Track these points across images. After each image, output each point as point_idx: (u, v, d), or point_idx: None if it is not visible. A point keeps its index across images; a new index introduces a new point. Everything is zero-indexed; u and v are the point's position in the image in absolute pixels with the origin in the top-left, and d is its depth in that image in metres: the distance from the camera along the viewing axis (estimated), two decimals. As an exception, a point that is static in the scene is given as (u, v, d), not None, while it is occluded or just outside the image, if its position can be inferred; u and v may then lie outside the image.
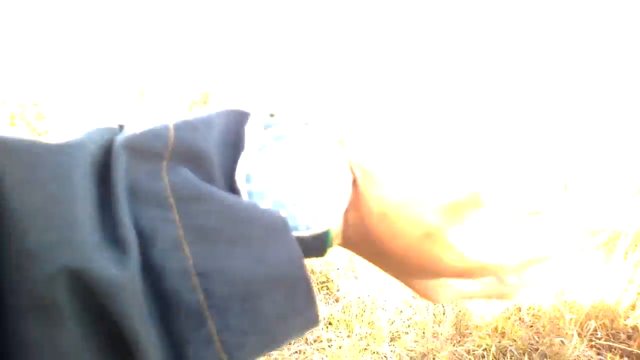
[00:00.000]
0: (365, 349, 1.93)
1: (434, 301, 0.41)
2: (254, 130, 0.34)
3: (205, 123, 0.33)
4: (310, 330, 0.41)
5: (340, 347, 1.91)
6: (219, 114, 0.35)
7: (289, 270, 0.29)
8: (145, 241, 0.28)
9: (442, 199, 0.32)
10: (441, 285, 0.40)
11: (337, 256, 2.40)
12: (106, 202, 0.28)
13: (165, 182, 0.29)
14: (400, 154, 0.34)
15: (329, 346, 1.92)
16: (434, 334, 2.07)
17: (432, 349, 1.95)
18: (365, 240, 0.36)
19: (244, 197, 0.32)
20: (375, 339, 1.97)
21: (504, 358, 1.99)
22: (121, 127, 0.33)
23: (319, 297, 2.19)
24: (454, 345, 2.01)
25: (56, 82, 4.53)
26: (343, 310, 2.10)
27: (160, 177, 0.29)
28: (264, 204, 0.33)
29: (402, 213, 0.33)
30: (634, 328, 2.11)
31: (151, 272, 0.28)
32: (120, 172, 0.28)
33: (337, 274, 2.36)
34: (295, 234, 0.32)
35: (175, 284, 0.28)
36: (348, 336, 1.96)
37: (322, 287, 2.28)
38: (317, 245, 0.34)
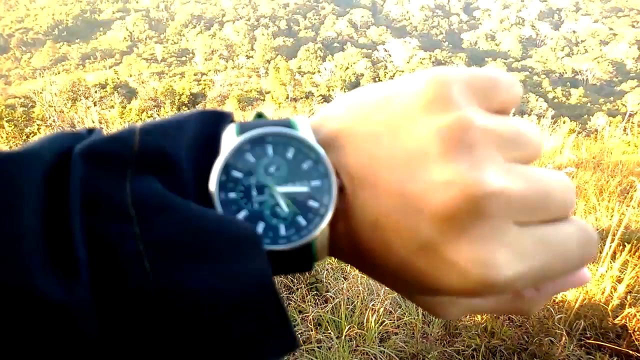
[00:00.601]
0: (355, 349, 1.94)
1: (441, 317, 0.37)
2: (230, 133, 0.32)
3: (176, 126, 0.31)
4: (289, 354, 0.32)
5: (329, 348, 1.92)
6: (192, 116, 0.33)
7: (258, 289, 0.28)
8: (103, 258, 0.26)
9: (440, 207, 0.28)
10: (448, 301, 0.36)
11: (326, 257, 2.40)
12: (58, 217, 0.26)
13: (127, 192, 0.27)
14: (392, 156, 0.30)
15: (318, 347, 1.93)
16: (423, 334, 2.08)
17: (422, 349, 1.96)
18: (357, 253, 0.33)
19: (217, 207, 0.30)
20: (365, 339, 1.98)
21: (493, 358, 2.01)
22: (90, 133, 0.31)
23: (308, 298, 2.20)
24: (443, 346, 2.02)
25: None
26: (332, 311, 2.11)
27: (122, 186, 0.27)
28: (239, 214, 0.31)
29: (394, 223, 0.30)
30: (623, 327, 2.14)
31: (111, 292, 0.26)
32: (75, 182, 0.27)
33: (326, 274, 2.37)
34: (273, 247, 0.30)
35: (135, 304, 0.26)
36: (337, 337, 1.97)
37: (311, 288, 2.29)
38: (301, 259, 0.32)
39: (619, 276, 2.33)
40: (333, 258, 0.33)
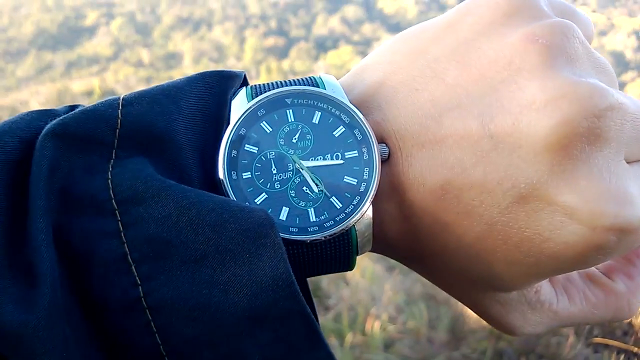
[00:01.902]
0: (359, 358, 1.94)
1: (518, 330, 0.29)
2: (241, 98, 0.26)
3: (170, 94, 0.25)
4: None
5: (332, 357, 1.93)
6: (192, 79, 0.26)
7: (274, 299, 0.21)
8: (79, 264, 0.21)
9: (547, 134, 0.22)
10: (529, 305, 0.28)
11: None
12: (20, 215, 0.22)
13: (108, 179, 0.22)
14: (464, 89, 0.24)
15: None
16: (429, 339, 2.09)
17: (428, 354, 1.97)
18: (415, 239, 0.26)
19: (227, 191, 0.24)
20: (368, 347, 1.98)
21: (500, 359, 2.02)
22: (71, 109, 0.25)
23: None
24: (450, 350, 2.03)
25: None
26: (334, 319, 2.12)
27: (101, 172, 0.22)
28: (257, 198, 0.25)
29: (477, 176, 0.23)
30: (630, 324, 2.15)
31: (90, 305, 0.21)
32: (42, 170, 0.22)
33: (327, 281, 2.37)
34: (300, 238, 0.24)
35: (122, 322, 0.21)
36: (341, 345, 1.97)
37: (312, 296, 2.30)
38: (337, 252, 0.26)
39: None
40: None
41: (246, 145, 0.25)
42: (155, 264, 0.21)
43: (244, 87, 0.27)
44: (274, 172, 0.25)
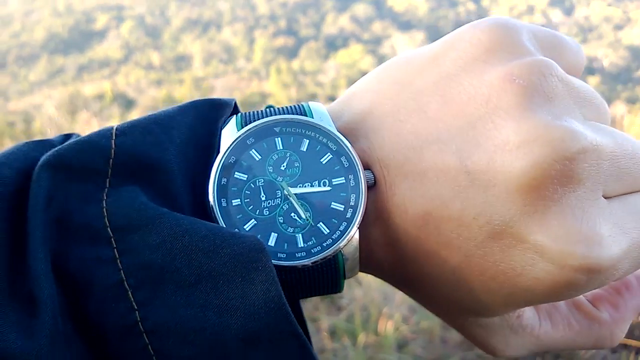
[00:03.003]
0: (372, 358, 1.94)
1: (500, 353, 0.29)
2: (231, 127, 0.27)
3: (162, 123, 0.26)
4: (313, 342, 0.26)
5: (345, 358, 1.93)
6: (183, 108, 0.27)
7: (267, 321, 0.22)
8: (77, 291, 0.22)
9: (520, 175, 0.22)
10: (510, 329, 0.29)
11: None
12: (19, 245, 0.22)
13: (103, 208, 0.23)
14: (445, 125, 0.24)
15: (334, 357, 1.94)
16: (442, 339, 2.08)
17: (442, 355, 1.96)
18: (400, 263, 0.27)
19: (217, 218, 0.25)
20: (381, 347, 1.98)
21: (515, 360, 2.01)
22: (68, 138, 0.26)
23: (321, 307, 2.21)
24: (463, 351, 2.02)
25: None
26: (347, 319, 2.12)
27: (96, 201, 0.23)
28: (246, 224, 0.25)
29: (454, 210, 0.24)
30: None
31: (89, 331, 0.22)
32: (39, 201, 0.22)
33: (339, 281, 2.38)
34: (289, 264, 0.25)
35: (121, 345, 0.22)
36: (353, 345, 1.97)
37: (324, 296, 2.30)
38: (326, 276, 0.26)
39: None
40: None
41: (236, 173, 0.25)
42: (150, 289, 0.22)
43: (234, 116, 0.27)
44: (263, 198, 0.25)
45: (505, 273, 0.23)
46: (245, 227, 0.25)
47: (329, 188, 0.26)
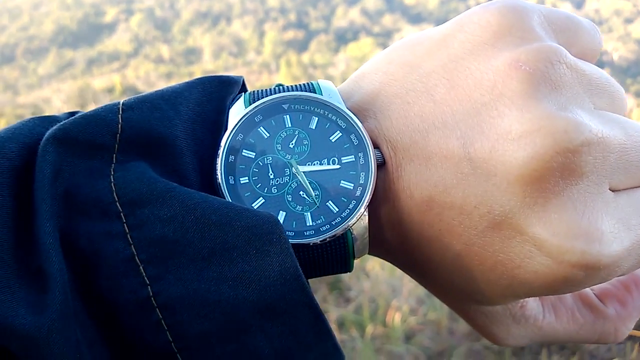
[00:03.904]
0: (380, 349, 1.97)
1: (501, 341, 0.29)
2: (239, 104, 0.27)
3: (170, 99, 0.25)
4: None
5: (353, 349, 1.96)
6: (191, 84, 0.27)
7: (283, 292, 0.22)
8: (86, 266, 0.22)
9: (521, 166, 0.22)
10: (513, 318, 0.29)
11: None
12: (25, 219, 0.22)
13: (111, 182, 0.23)
14: (450, 109, 0.24)
15: (342, 348, 1.96)
16: (450, 330, 2.10)
17: (449, 346, 1.99)
18: (405, 246, 0.27)
19: (225, 195, 0.25)
20: (389, 338, 2.01)
21: (522, 351, 2.02)
22: (71, 115, 0.26)
23: (330, 298, 2.24)
24: (471, 342, 2.04)
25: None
26: (355, 311, 2.15)
27: (104, 176, 0.23)
28: (255, 202, 0.25)
29: (456, 197, 0.24)
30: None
31: (99, 307, 0.22)
32: (46, 175, 0.22)
33: (348, 274, 2.40)
34: (298, 241, 0.25)
35: (132, 321, 0.22)
36: (361, 337, 2.00)
37: (332, 288, 2.33)
38: (335, 255, 0.26)
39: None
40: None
41: (244, 151, 0.25)
42: (163, 264, 0.22)
43: (243, 94, 0.27)
44: (271, 177, 0.25)
45: (504, 264, 0.23)
46: (253, 205, 0.25)
47: (338, 166, 0.26)
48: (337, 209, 0.25)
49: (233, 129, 0.25)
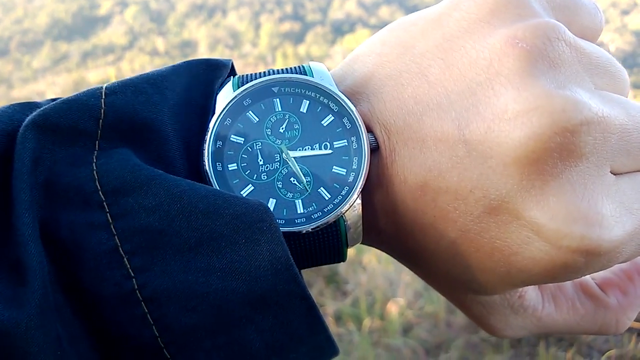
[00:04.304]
0: (377, 342, 1.97)
1: (499, 332, 0.29)
2: (227, 89, 0.26)
3: (155, 83, 0.24)
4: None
5: (350, 342, 1.95)
6: (177, 68, 0.26)
7: (274, 283, 0.21)
8: (68, 258, 0.21)
9: (517, 147, 0.21)
10: (511, 309, 0.28)
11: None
12: (3, 210, 0.21)
13: (93, 170, 0.22)
14: (445, 90, 0.23)
15: (339, 342, 1.97)
16: (447, 323, 2.10)
17: (447, 338, 1.99)
18: (399, 233, 0.26)
19: (212, 182, 0.24)
20: (386, 331, 2.01)
21: (519, 343, 2.02)
22: (53, 101, 0.25)
23: (327, 292, 2.23)
24: (468, 334, 2.04)
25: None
26: (352, 304, 2.14)
27: (86, 164, 0.22)
28: (244, 190, 0.24)
29: (451, 181, 0.23)
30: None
31: (81, 301, 0.21)
32: (25, 163, 0.21)
33: (344, 266, 2.40)
34: (288, 229, 0.24)
35: (117, 315, 0.21)
36: (359, 330, 2.00)
37: (329, 282, 2.32)
38: (327, 243, 0.25)
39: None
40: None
41: (232, 136, 0.24)
42: (148, 255, 0.21)
43: (231, 78, 0.26)
44: (261, 163, 0.24)
45: (501, 250, 0.23)
46: (242, 192, 0.24)
47: (330, 151, 0.25)
48: (329, 196, 0.24)
49: (221, 113, 0.24)
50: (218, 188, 0.24)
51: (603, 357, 1.71)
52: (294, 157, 0.25)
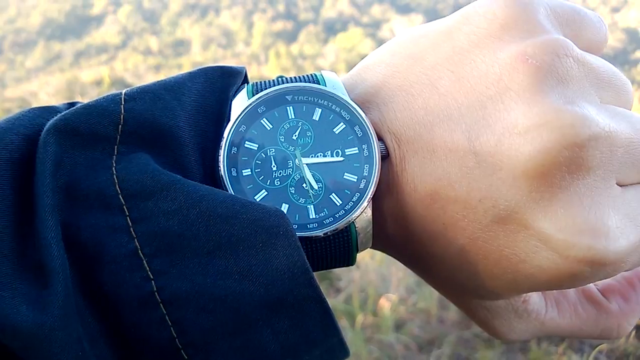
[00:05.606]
0: (370, 338, 1.97)
1: (503, 336, 0.29)
2: (242, 96, 0.26)
3: (172, 90, 0.25)
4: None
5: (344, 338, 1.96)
6: (194, 75, 0.26)
7: (291, 287, 0.22)
8: (89, 261, 0.21)
9: (527, 160, 0.22)
10: (515, 313, 0.28)
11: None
12: (26, 213, 0.21)
13: (113, 174, 0.22)
14: (455, 102, 0.24)
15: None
16: (440, 319, 2.11)
17: (439, 334, 1.99)
18: (408, 239, 0.26)
19: (227, 187, 0.25)
20: (379, 327, 2.01)
21: (511, 339, 2.04)
22: (70, 105, 0.25)
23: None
24: (460, 330, 2.05)
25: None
26: (345, 301, 2.14)
27: (105, 168, 0.22)
28: (257, 195, 0.25)
29: (460, 191, 0.23)
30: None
31: (101, 303, 0.21)
32: (47, 167, 0.21)
33: (338, 264, 2.40)
34: (301, 234, 0.24)
35: (136, 317, 0.21)
36: (352, 326, 2.00)
37: (322, 278, 2.33)
38: (337, 248, 0.26)
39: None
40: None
41: (246, 142, 0.25)
42: (167, 258, 0.21)
43: (246, 85, 0.27)
44: (274, 169, 0.25)
45: (509, 259, 0.23)
46: (256, 197, 0.25)
47: (341, 158, 0.25)
48: (340, 202, 0.25)
49: (236, 120, 0.25)
50: (233, 192, 0.24)
51: (594, 351, 1.72)
52: (307, 164, 0.25)
